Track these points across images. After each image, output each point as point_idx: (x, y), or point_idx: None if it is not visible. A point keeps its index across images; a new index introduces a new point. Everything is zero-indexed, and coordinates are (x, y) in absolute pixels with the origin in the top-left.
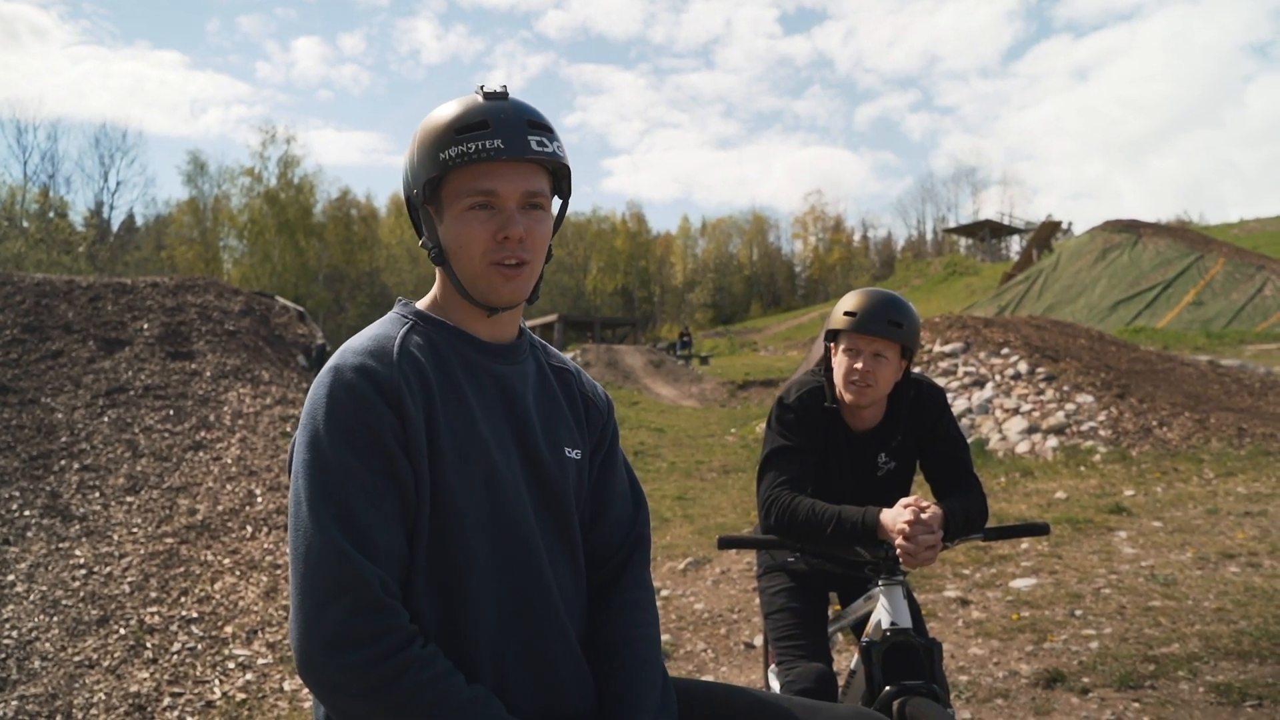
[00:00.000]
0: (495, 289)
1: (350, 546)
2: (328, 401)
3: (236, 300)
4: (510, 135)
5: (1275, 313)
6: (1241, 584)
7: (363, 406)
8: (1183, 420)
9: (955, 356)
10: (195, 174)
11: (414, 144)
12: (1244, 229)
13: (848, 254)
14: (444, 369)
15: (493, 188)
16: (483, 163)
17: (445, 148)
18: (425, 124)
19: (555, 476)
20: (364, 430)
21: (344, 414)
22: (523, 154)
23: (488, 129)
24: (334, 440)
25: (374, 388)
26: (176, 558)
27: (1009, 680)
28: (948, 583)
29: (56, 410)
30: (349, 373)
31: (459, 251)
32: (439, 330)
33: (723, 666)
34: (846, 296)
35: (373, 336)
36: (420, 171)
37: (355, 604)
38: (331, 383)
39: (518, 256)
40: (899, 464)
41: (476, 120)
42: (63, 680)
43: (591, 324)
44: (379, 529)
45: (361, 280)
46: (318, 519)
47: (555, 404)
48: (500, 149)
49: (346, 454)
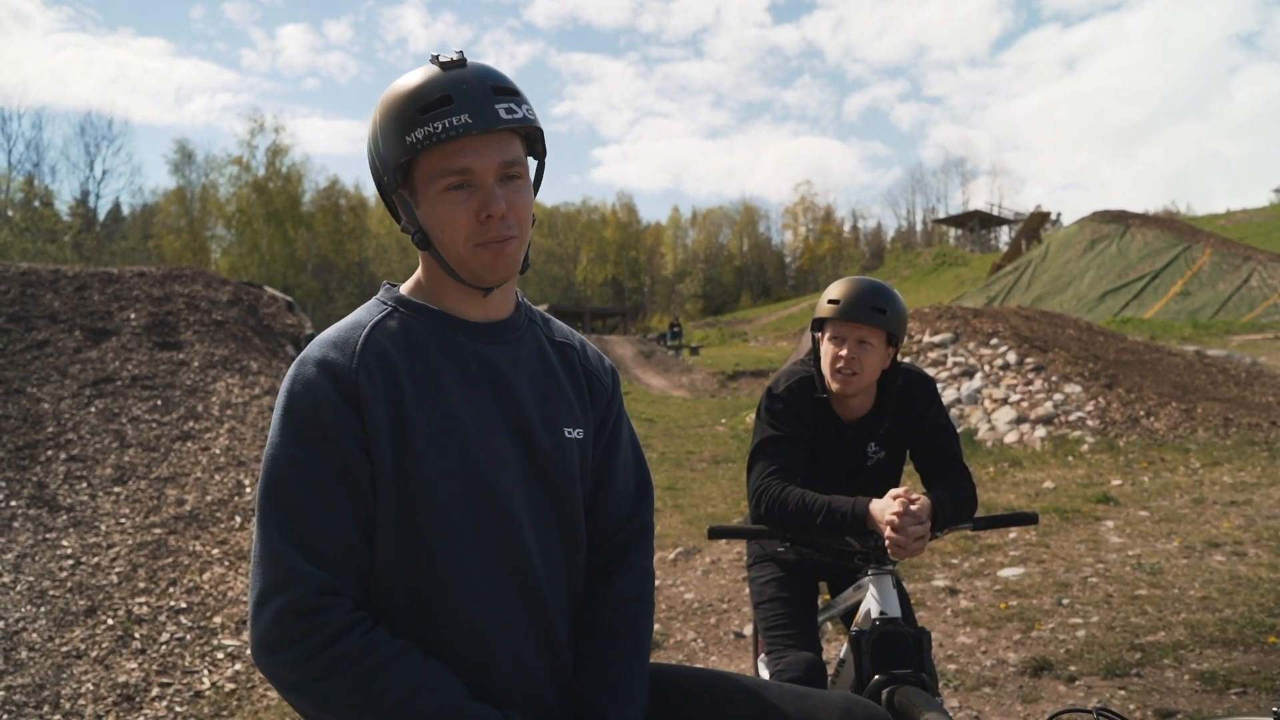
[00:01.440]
0: (486, 268)
1: (289, 548)
2: (286, 399)
3: (224, 290)
4: (476, 107)
5: (1262, 303)
6: (1227, 573)
7: (318, 403)
8: (1170, 410)
9: (944, 347)
10: (182, 163)
11: (375, 126)
12: (1231, 219)
13: (838, 244)
14: (418, 354)
15: (467, 165)
16: (452, 140)
17: (410, 130)
18: (384, 103)
19: (552, 457)
20: (317, 427)
21: (299, 412)
22: (492, 125)
23: (451, 104)
24: (286, 439)
25: (332, 382)
26: (165, 548)
27: (997, 669)
28: (936, 572)
29: (43, 400)
30: (310, 367)
31: (441, 235)
32: (418, 314)
33: (713, 656)
34: (832, 285)
35: (342, 327)
36: (388, 156)
37: (285, 604)
38: (292, 379)
39: (503, 234)
40: (888, 454)
41: (438, 95)
42: (50, 671)
43: (582, 314)
44: (324, 529)
45: (350, 270)
46: (263, 520)
47: (554, 381)
48: (469, 124)
49: (297, 453)
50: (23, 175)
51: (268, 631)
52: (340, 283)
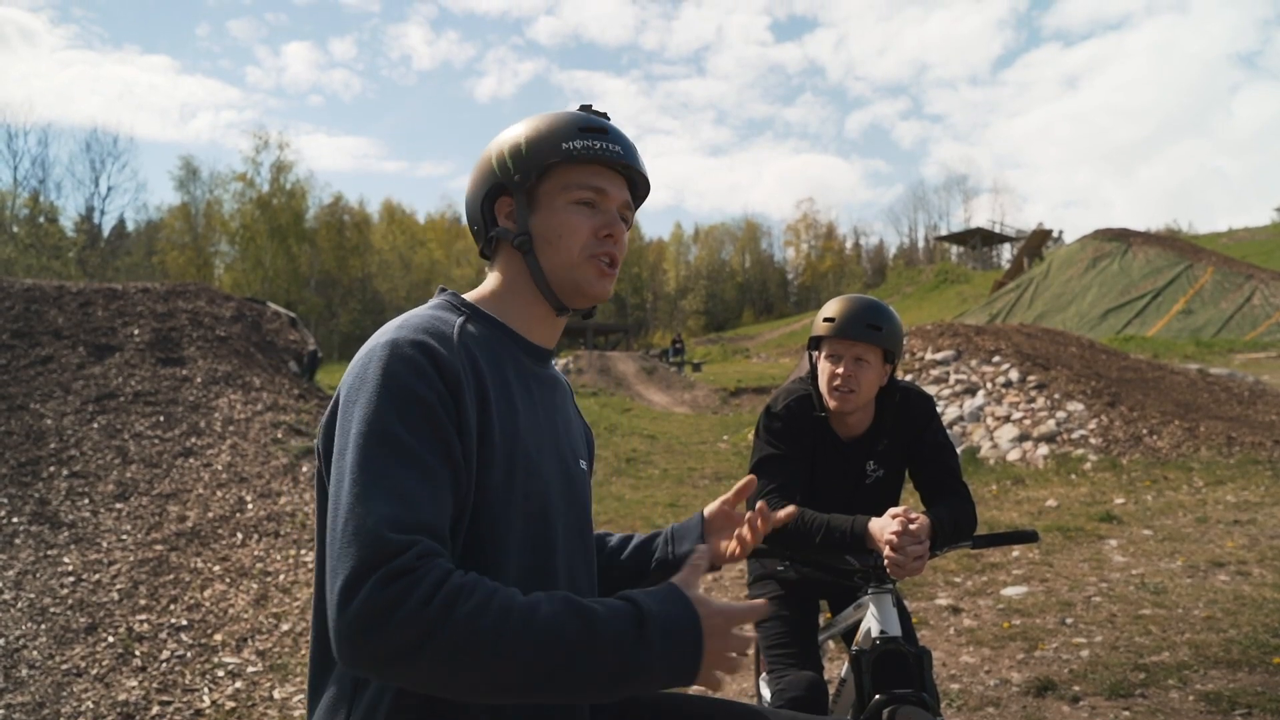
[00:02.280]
0: (590, 282)
1: (387, 524)
2: (384, 375)
3: (228, 306)
4: (626, 145)
5: (1264, 322)
6: (1231, 592)
7: (421, 382)
8: (1172, 429)
9: (947, 364)
10: (187, 179)
11: (519, 141)
12: (1233, 238)
13: (840, 261)
14: (496, 364)
15: (603, 187)
16: (601, 162)
17: (569, 139)
18: (542, 115)
19: (580, 486)
20: (422, 407)
21: (401, 388)
22: (634, 163)
23: (607, 135)
24: (387, 415)
25: (435, 368)
26: (166, 565)
27: (1000, 689)
28: (939, 590)
29: (45, 416)
30: (407, 348)
31: (557, 241)
32: (492, 327)
33: None
34: (827, 304)
35: (428, 317)
36: (534, 156)
37: (384, 573)
38: (388, 357)
39: (612, 255)
40: (887, 472)
41: (599, 126)
42: (50, 689)
43: (584, 331)
44: (426, 507)
45: (353, 286)
46: (364, 495)
47: (571, 413)
48: (619, 154)
49: (400, 430)
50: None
51: (367, 603)
52: (343, 299)
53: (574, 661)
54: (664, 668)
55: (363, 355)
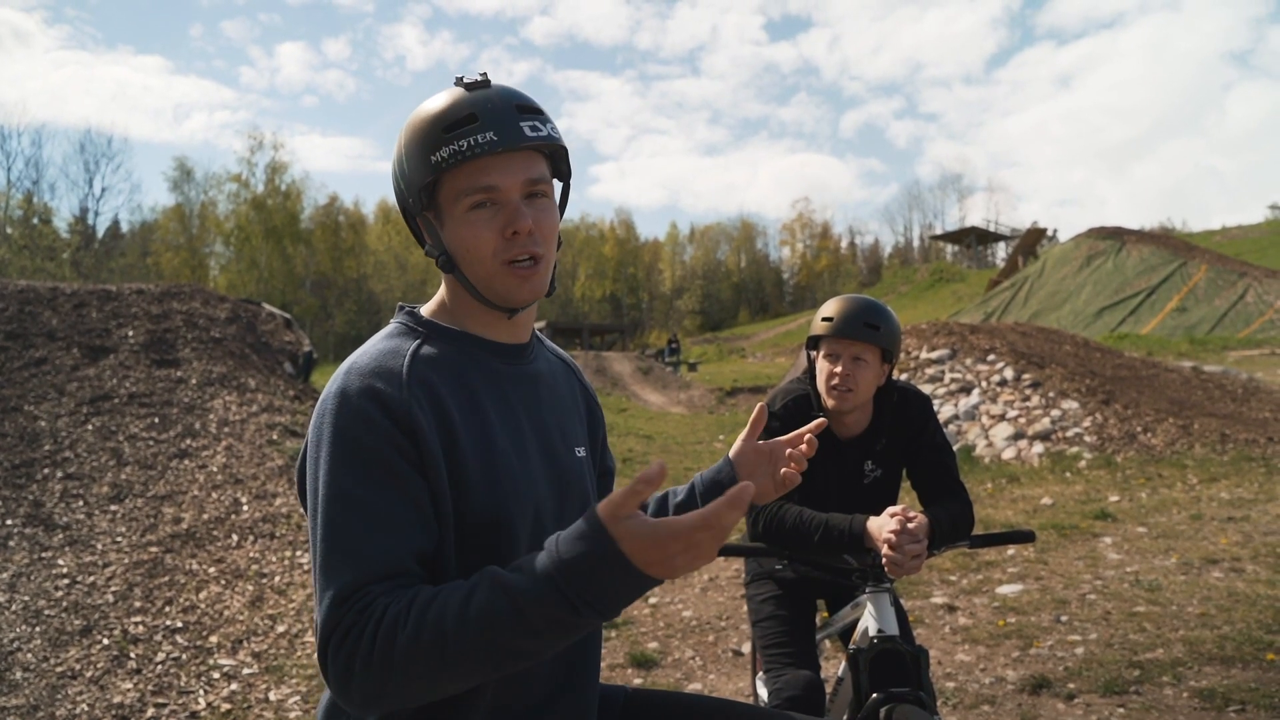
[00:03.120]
0: (512, 290)
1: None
2: (335, 435)
3: (223, 307)
4: (501, 125)
5: (1257, 319)
6: (1225, 589)
7: (377, 437)
8: (1167, 426)
9: (942, 363)
10: (181, 180)
11: (401, 148)
12: (1226, 236)
13: (835, 261)
14: (460, 382)
15: (492, 183)
16: (477, 159)
17: (435, 149)
18: (409, 125)
19: (576, 476)
20: (379, 463)
21: (355, 447)
22: (517, 143)
23: (476, 122)
24: (345, 478)
25: (386, 415)
26: (161, 567)
27: (995, 686)
28: (935, 589)
29: (40, 418)
30: (359, 399)
31: (467, 255)
32: (452, 341)
33: (711, 674)
34: (826, 303)
35: (375, 355)
36: (413, 177)
37: (337, 641)
38: (337, 413)
39: (529, 251)
40: (885, 472)
41: (463, 114)
42: (45, 691)
43: (580, 330)
44: (386, 560)
45: (349, 287)
46: (327, 569)
47: (563, 401)
48: (494, 141)
49: (361, 492)
50: (22, 192)
51: (332, 671)
52: (339, 300)
53: (516, 638)
54: (596, 608)
55: (320, 405)
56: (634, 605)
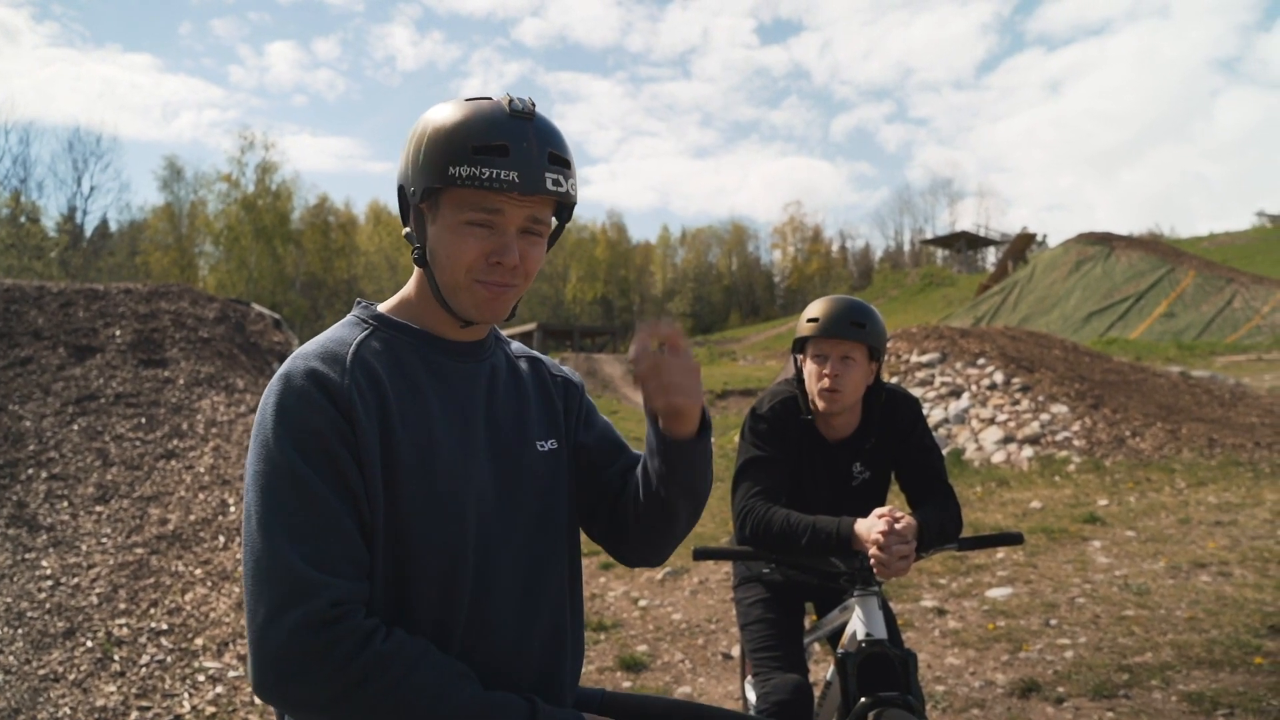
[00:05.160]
0: (476, 305)
1: (299, 560)
2: (277, 410)
3: (211, 307)
4: (527, 169)
5: (1244, 325)
6: (1213, 593)
7: (313, 413)
8: (1155, 431)
9: (932, 367)
10: (171, 179)
11: (420, 141)
12: (1214, 242)
13: (826, 264)
14: (403, 374)
15: (498, 207)
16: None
17: (456, 163)
18: (440, 122)
19: (535, 472)
20: (315, 438)
21: (294, 422)
22: (536, 192)
23: (506, 156)
24: (285, 450)
25: (326, 396)
26: (146, 568)
27: (985, 690)
28: (924, 592)
29: (25, 418)
30: (299, 379)
31: (445, 261)
32: (400, 333)
33: (700, 677)
34: (809, 306)
35: (324, 342)
36: (422, 176)
37: (302, 618)
38: (281, 390)
39: (507, 281)
40: (874, 474)
41: (497, 143)
42: (27, 694)
43: (571, 333)
44: (331, 539)
45: (339, 288)
46: (267, 532)
47: (524, 396)
48: (514, 183)
49: (298, 463)
50: (9, 191)
51: (286, 650)
52: (329, 300)
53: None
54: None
55: (267, 389)
56: (623, 607)
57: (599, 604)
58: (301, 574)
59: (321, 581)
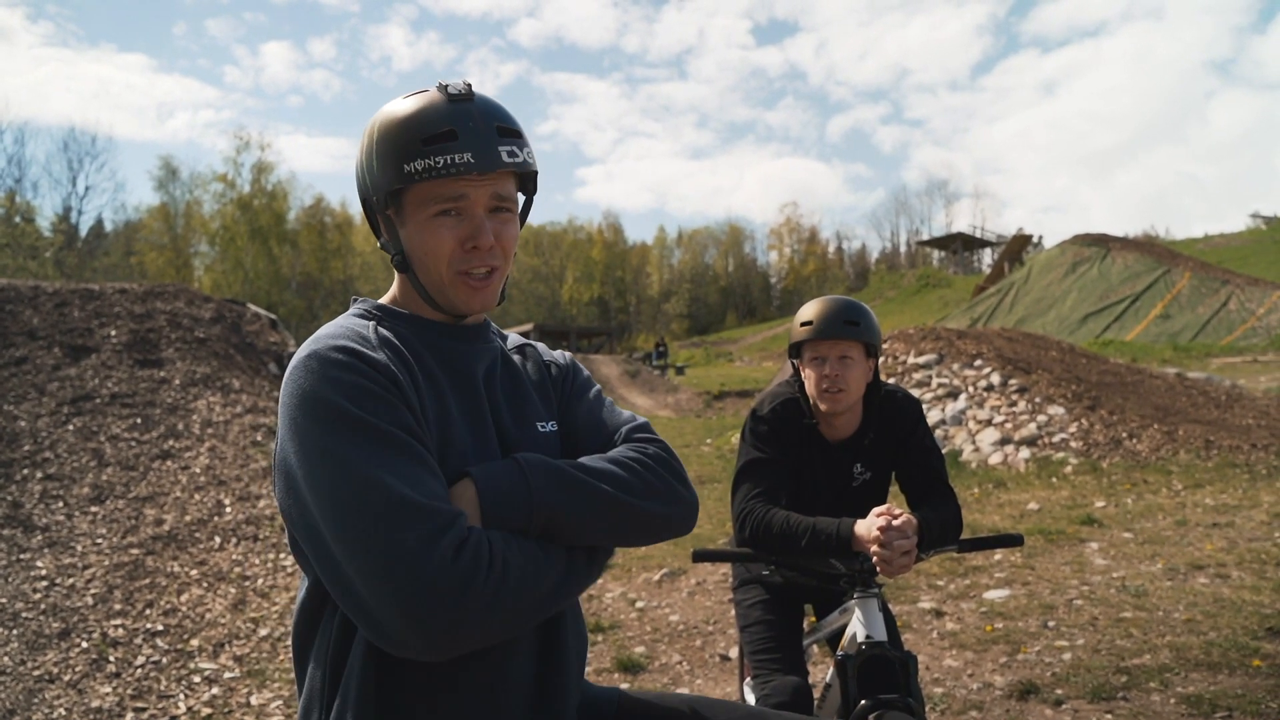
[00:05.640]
0: (464, 300)
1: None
2: (321, 382)
3: (207, 307)
4: (480, 147)
5: (1240, 326)
6: (1211, 595)
7: (360, 376)
8: (1152, 432)
9: (929, 368)
10: (166, 179)
11: (371, 145)
12: (1209, 243)
13: (822, 265)
14: (418, 358)
15: (462, 193)
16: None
17: (410, 159)
18: (383, 125)
19: (534, 450)
20: (369, 396)
21: (346, 384)
22: (494, 168)
23: (456, 140)
24: (342, 406)
25: (365, 364)
26: (142, 569)
27: (983, 692)
28: (922, 594)
29: (19, 418)
30: (334, 353)
31: (424, 259)
32: (406, 323)
33: (698, 679)
34: (802, 309)
35: (339, 328)
36: (381, 180)
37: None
38: (318, 366)
39: (487, 264)
40: (874, 474)
41: (443, 129)
42: (21, 695)
43: (567, 333)
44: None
45: (335, 288)
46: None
47: (519, 381)
48: (470, 164)
49: (369, 418)
50: (4, 190)
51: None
52: (325, 301)
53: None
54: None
55: (294, 378)
56: (621, 609)
57: (596, 605)
58: (432, 504)
59: (446, 509)
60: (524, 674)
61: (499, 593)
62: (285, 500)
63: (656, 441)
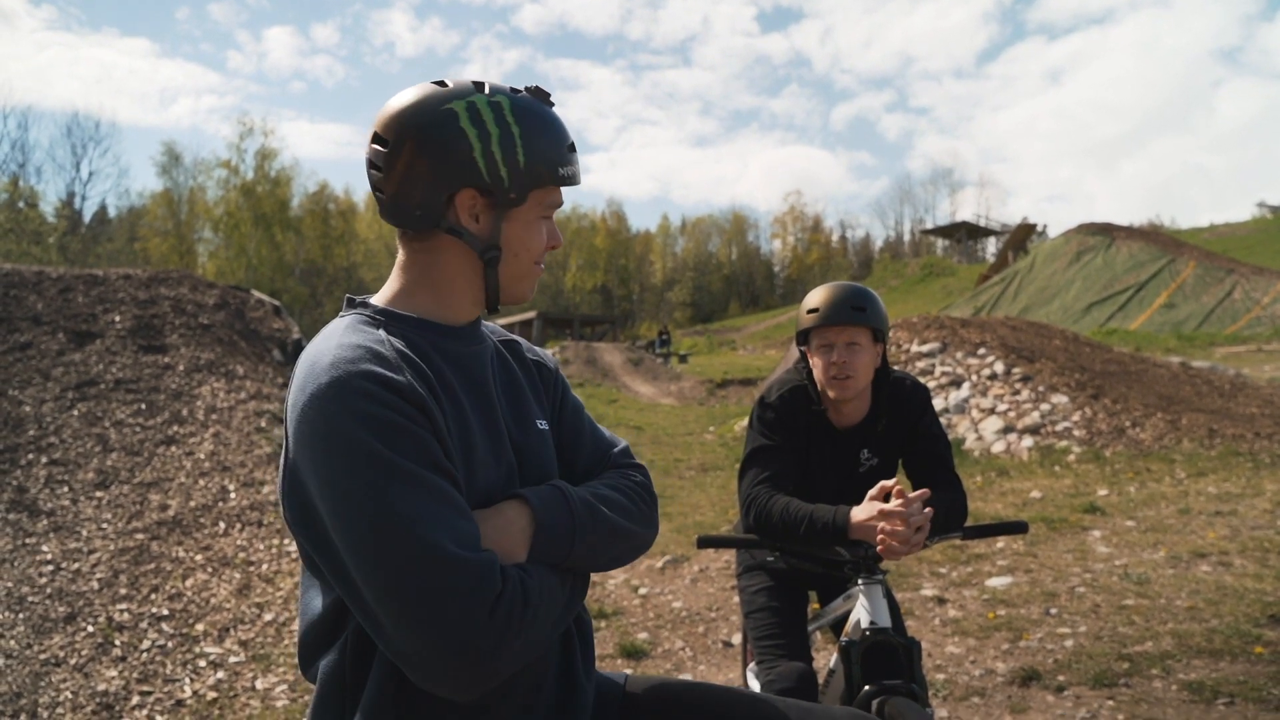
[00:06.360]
0: (529, 291)
1: (450, 543)
2: (351, 417)
3: (211, 293)
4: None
5: (1245, 315)
6: (1213, 583)
7: (388, 409)
8: (1155, 421)
9: (933, 356)
10: (170, 165)
11: (513, 137)
12: (1214, 233)
13: (826, 254)
14: (430, 364)
15: (561, 202)
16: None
17: (564, 165)
18: (529, 121)
19: (538, 452)
20: (404, 433)
21: (383, 426)
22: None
23: (575, 151)
24: (378, 449)
25: (392, 392)
26: (147, 554)
27: (985, 679)
28: (925, 581)
29: (24, 403)
30: (358, 381)
31: (521, 253)
32: (409, 326)
33: (701, 665)
34: (807, 297)
35: (354, 345)
36: (527, 176)
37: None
38: (343, 395)
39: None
40: (881, 461)
41: (571, 141)
42: (28, 679)
43: (570, 321)
44: (458, 517)
45: (339, 275)
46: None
47: (513, 378)
48: (579, 176)
49: (398, 459)
50: (8, 176)
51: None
52: (328, 287)
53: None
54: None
55: (311, 400)
56: (624, 595)
57: (599, 591)
58: (456, 555)
59: (477, 560)
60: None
61: (529, 636)
62: (299, 525)
63: (640, 468)
